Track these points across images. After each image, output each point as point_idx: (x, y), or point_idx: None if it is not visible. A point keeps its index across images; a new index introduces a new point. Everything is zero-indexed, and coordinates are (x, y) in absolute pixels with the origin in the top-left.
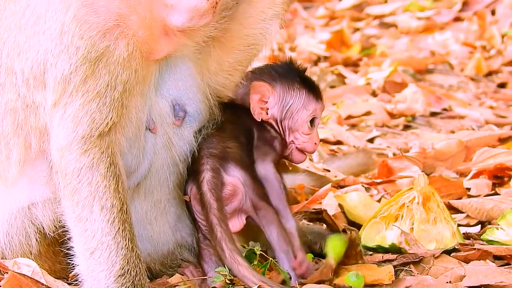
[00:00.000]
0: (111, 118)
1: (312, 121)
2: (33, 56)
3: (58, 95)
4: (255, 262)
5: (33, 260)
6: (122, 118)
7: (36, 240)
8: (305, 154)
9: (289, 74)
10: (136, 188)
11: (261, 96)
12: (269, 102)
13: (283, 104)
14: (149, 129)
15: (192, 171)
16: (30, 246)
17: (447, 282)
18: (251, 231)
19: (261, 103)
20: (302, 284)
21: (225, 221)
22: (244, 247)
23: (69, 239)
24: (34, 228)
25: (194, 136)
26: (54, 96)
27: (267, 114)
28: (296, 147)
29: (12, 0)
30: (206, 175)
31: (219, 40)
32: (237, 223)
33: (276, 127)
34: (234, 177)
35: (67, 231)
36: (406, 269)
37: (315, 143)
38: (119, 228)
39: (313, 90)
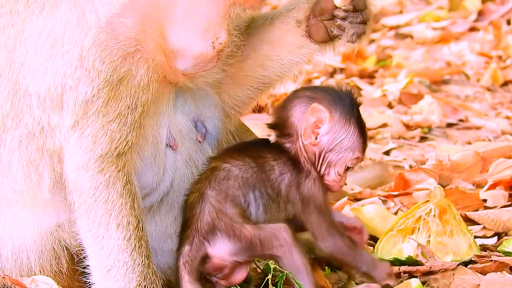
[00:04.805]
0: (131, 138)
1: (348, 167)
2: (50, 78)
3: (78, 117)
4: (270, 276)
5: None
6: (139, 137)
7: (66, 261)
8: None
9: (348, 106)
10: (157, 203)
11: (317, 120)
12: (322, 129)
13: (335, 136)
14: (170, 146)
15: (180, 240)
16: (61, 266)
17: None
18: None
19: (314, 127)
20: None
21: None
22: (258, 261)
23: (84, 257)
24: (63, 249)
25: (212, 153)
26: (73, 117)
27: (316, 139)
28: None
29: (30, 21)
30: (185, 249)
31: (233, 78)
32: (240, 275)
33: (312, 155)
34: (220, 249)
35: (83, 249)
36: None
37: (341, 186)
38: (135, 245)
39: (364, 134)
